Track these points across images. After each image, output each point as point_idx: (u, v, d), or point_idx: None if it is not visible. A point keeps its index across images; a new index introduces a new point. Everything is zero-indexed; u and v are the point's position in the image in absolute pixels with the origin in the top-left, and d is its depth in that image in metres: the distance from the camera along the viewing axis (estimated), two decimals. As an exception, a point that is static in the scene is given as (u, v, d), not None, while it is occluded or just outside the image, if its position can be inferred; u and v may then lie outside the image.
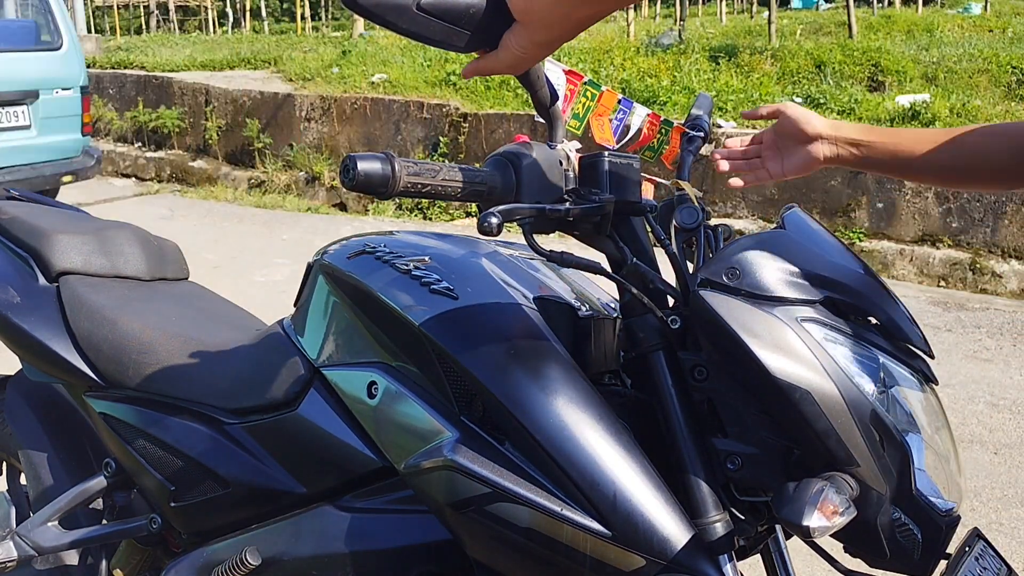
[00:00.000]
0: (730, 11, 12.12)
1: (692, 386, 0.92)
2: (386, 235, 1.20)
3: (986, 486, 2.70)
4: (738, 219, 5.76)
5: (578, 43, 7.80)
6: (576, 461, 0.89)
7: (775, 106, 1.18)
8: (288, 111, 7.50)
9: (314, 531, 1.11)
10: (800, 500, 0.78)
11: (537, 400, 0.92)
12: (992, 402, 3.32)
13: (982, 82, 6.37)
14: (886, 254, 5.23)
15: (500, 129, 6.58)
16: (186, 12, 17.58)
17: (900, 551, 0.86)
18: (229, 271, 4.95)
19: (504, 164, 0.90)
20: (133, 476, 1.37)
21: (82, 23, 11.13)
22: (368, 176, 0.80)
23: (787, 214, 0.97)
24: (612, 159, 0.94)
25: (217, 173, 7.74)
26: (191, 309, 1.52)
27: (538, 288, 1.09)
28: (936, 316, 4.39)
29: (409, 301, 1.03)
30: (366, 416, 1.06)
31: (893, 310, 0.91)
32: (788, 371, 0.84)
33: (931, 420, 0.92)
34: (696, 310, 0.89)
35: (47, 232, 1.55)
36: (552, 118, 0.96)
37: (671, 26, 10.06)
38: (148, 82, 8.52)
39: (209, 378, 1.28)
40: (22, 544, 1.43)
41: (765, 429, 0.88)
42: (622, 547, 0.88)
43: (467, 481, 0.92)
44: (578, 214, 0.90)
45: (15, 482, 1.73)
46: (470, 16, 0.78)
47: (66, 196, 6.36)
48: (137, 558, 1.45)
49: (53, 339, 1.43)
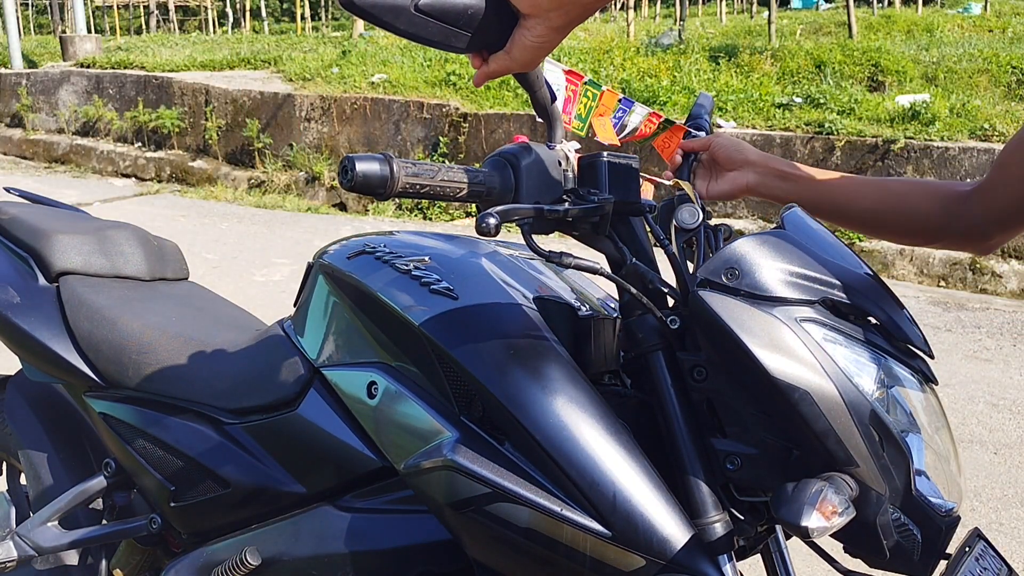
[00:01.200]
0: (730, 11, 12.12)
1: (691, 386, 0.92)
2: (386, 235, 1.20)
3: (986, 486, 2.70)
4: (738, 219, 5.76)
5: (578, 43, 7.80)
6: (576, 461, 0.89)
7: (708, 139, 1.21)
8: (288, 111, 7.50)
9: (314, 531, 1.11)
10: (799, 500, 0.78)
11: (537, 400, 0.92)
12: (992, 402, 3.32)
13: (982, 82, 6.37)
14: (886, 254, 5.23)
15: (500, 129, 6.58)
16: (186, 12, 17.58)
17: (900, 551, 0.86)
18: (229, 271, 4.95)
19: (503, 164, 0.90)
20: (133, 476, 1.37)
21: (82, 23, 11.12)
22: (366, 177, 0.80)
23: (787, 214, 0.97)
24: (611, 159, 0.94)
25: (217, 173, 7.74)
26: (191, 309, 1.52)
27: (538, 288, 1.09)
28: (936, 316, 4.39)
29: (409, 301, 1.03)
30: (366, 416, 1.06)
31: (893, 310, 0.91)
32: (787, 371, 0.83)
33: (931, 420, 0.92)
34: (695, 310, 0.89)
35: (47, 232, 1.55)
36: (551, 118, 0.96)
37: (671, 26, 10.06)
38: (148, 82, 8.52)
39: (209, 378, 1.28)
40: (22, 544, 1.44)
41: (764, 429, 0.88)
42: (622, 547, 0.88)
43: (467, 481, 0.92)
44: (577, 214, 0.90)
45: (15, 482, 1.73)
46: (468, 17, 0.78)
47: (66, 196, 6.36)
48: (137, 558, 1.45)
49: (53, 339, 1.43)
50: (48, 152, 8.92)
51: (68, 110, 8.99)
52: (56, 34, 13.61)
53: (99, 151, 8.49)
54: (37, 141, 9.04)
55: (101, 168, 8.43)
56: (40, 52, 10.97)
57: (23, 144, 9.15)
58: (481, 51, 0.81)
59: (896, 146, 5.41)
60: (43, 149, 8.97)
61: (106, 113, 8.64)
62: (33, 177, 8.08)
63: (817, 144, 5.64)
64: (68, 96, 9.11)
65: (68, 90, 9.13)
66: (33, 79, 9.42)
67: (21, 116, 9.32)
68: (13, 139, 9.25)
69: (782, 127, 5.90)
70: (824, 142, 5.62)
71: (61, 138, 8.94)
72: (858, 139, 5.56)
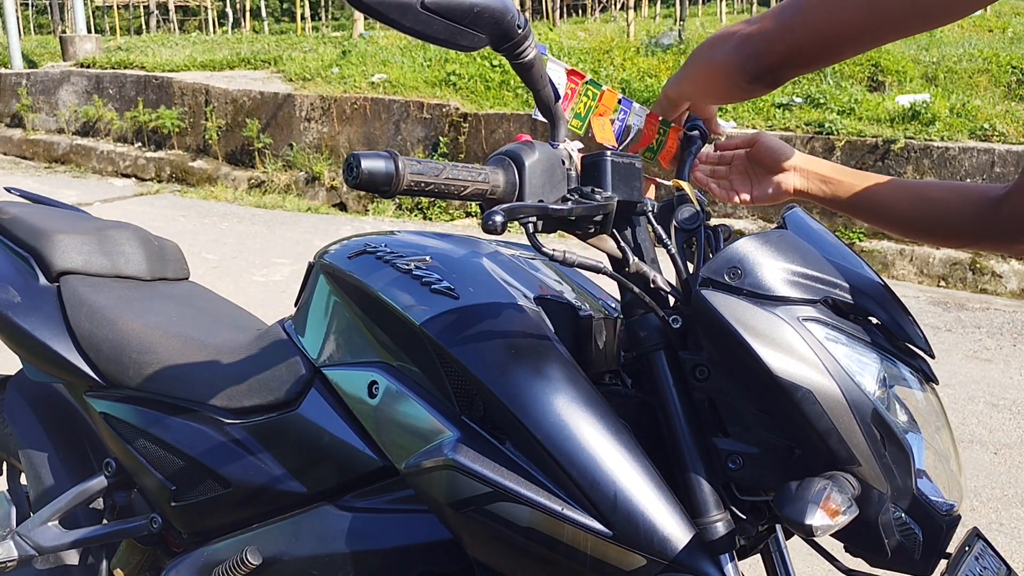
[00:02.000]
0: (730, 11, 12.12)
1: (693, 386, 0.92)
2: (387, 235, 1.20)
3: (986, 486, 2.70)
4: (738, 219, 5.76)
5: (578, 43, 7.80)
6: (577, 461, 0.89)
7: (750, 135, 1.19)
8: (288, 111, 7.50)
9: (314, 531, 1.11)
10: (803, 499, 0.78)
11: (538, 400, 0.92)
12: (992, 402, 3.32)
13: (982, 82, 6.37)
14: (886, 254, 5.23)
15: (500, 129, 6.58)
16: (186, 12, 17.58)
17: (901, 550, 0.86)
18: (229, 271, 4.95)
19: (507, 163, 0.90)
20: (133, 476, 1.37)
21: (82, 23, 11.11)
22: (372, 174, 0.80)
23: (788, 214, 0.97)
24: (614, 159, 0.94)
25: (217, 173, 7.74)
26: (191, 309, 1.52)
27: (539, 288, 1.09)
28: (936, 316, 4.39)
29: (410, 301, 1.03)
30: (367, 416, 1.06)
31: (894, 310, 0.91)
32: (790, 370, 0.84)
33: (931, 420, 0.92)
34: (697, 309, 0.89)
35: (48, 232, 1.55)
36: (554, 117, 0.96)
37: (671, 26, 10.06)
38: (148, 82, 8.52)
39: (209, 378, 1.28)
40: (22, 544, 1.44)
41: (766, 429, 0.88)
42: (623, 547, 0.88)
43: (468, 480, 0.92)
44: (580, 213, 0.90)
45: (15, 482, 1.73)
46: (475, 15, 0.78)
47: (66, 196, 6.36)
48: (137, 558, 1.45)
49: (54, 339, 1.43)
50: (48, 152, 8.92)
51: (68, 110, 8.99)
52: (56, 34, 13.61)
53: (99, 151, 8.49)
54: (37, 141, 9.04)
55: (101, 168, 8.42)
56: (40, 52, 10.97)
57: (23, 144, 9.14)
58: None
59: (896, 146, 5.42)
60: (43, 149, 8.97)
61: (106, 113, 8.64)
62: (33, 177, 8.08)
63: (817, 144, 5.64)
64: (68, 96, 9.11)
65: (68, 90, 9.13)
66: (33, 79, 9.42)
67: (21, 116, 9.32)
68: (13, 139, 9.24)
69: (782, 127, 5.90)
70: (824, 142, 5.62)
71: (61, 138, 8.94)
72: (858, 139, 5.56)
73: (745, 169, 1.19)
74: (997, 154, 5.19)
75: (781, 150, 1.15)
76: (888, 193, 1.11)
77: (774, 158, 1.15)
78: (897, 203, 1.10)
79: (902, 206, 1.10)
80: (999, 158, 5.19)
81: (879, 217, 1.12)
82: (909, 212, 1.10)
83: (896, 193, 1.11)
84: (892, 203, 1.10)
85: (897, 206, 1.10)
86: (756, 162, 1.17)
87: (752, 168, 1.18)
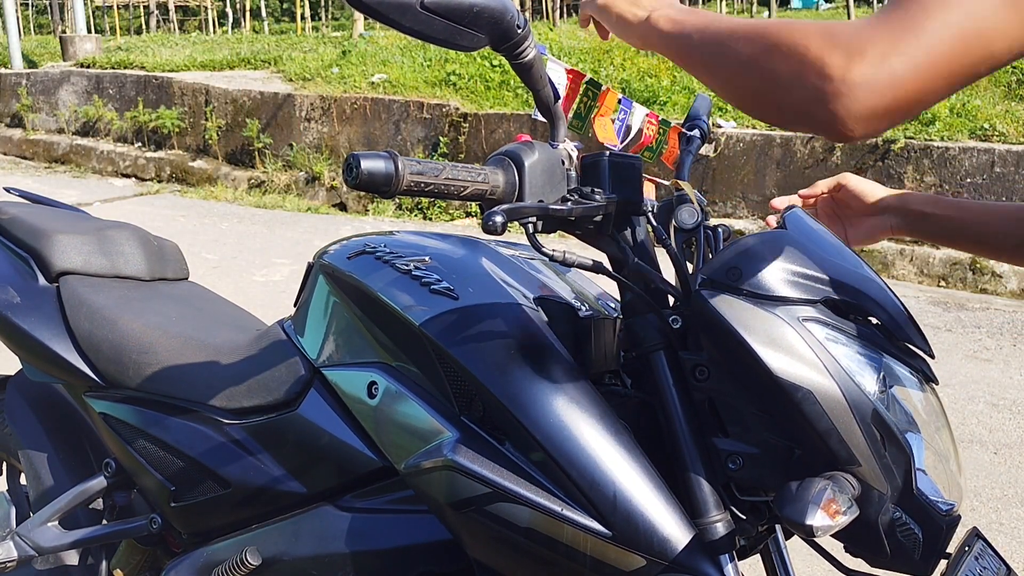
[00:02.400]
0: (730, 11, 12.12)
1: (693, 386, 0.91)
2: (386, 235, 1.20)
3: (986, 486, 2.70)
4: (738, 219, 5.76)
5: (578, 43, 7.80)
6: (576, 461, 0.89)
7: (834, 179, 1.15)
8: (288, 111, 7.51)
9: (314, 531, 1.11)
10: (803, 499, 0.78)
11: (537, 400, 0.92)
12: (992, 402, 3.32)
13: (982, 82, 6.37)
14: (886, 254, 5.23)
15: (500, 129, 6.58)
16: (186, 12, 17.58)
17: (901, 550, 0.86)
18: (229, 271, 4.95)
19: (506, 163, 0.90)
20: (133, 476, 1.37)
21: (82, 23, 11.12)
22: (371, 175, 0.80)
23: (788, 214, 0.97)
24: (614, 159, 0.94)
25: (217, 173, 7.74)
26: (191, 309, 1.52)
27: (538, 288, 1.09)
28: (936, 316, 4.39)
29: (409, 301, 1.03)
30: (366, 416, 1.06)
31: (894, 310, 0.91)
32: (790, 371, 0.84)
33: (931, 420, 0.92)
34: (698, 310, 0.89)
35: (47, 232, 1.55)
36: (554, 117, 0.96)
37: (671, 26, 10.04)
38: (148, 82, 8.52)
39: (209, 378, 1.28)
40: (22, 544, 1.43)
41: (766, 429, 0.88)
42: (622, 547, 0.88)
43: (467, 481, 0.92)
44: (580, 213, 0.90)
45: (15, 482, 1.73)
46: (474, 15, 0.78)
47: (66, 196, 6.37)
48: (137, 558, 1.45)
49: (53, 339, 1.43)
50: (48, 152, 8.92)
51: (68, 110, 8.99)
52: (56, 34, 13.61)
53: (99, 151, 8.49)
54: (37, 141, 9.04)
55: (101, 168, 8.42)
56: (40, 52, 10.97)
57: (23, 144, 9.15)
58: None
59: (896, 146, 5.42)
60: (43, 149, 8.97)
61: (106, 113, 8.64)
62: (33, 177, 8.08)
63: (817, 144, 5.64)
64: (68, 96, 9.11)
65: (68, 90, 9.13)
66: (33, 79, 9.42)
67: (21, 116, 9.32)
68: (13, 139, 9.25)
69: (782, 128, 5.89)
70: (824, 142, 5.62)
71: (61, 138, 8.94)
72: (858, 139, 5.55)
73: (833, 212, 1.15)
74: (997, 154, 5.19)
75: (869, 191, 1.11)
76: (996, 223, 1.05)
77: (862, 200, 1.12)
78: (999, 230, 1.04)
79: (1005, 230, 1.04)
80: (999, 158, 5.19)
81: (988, 247, 1.07)
82: (1015, 238, 1.03)
83: (995, 221, 1.05)
84: (995, 233, 1.05)
85: (999, 232, 1.04)
86: (843, 205, 1.14)
87: (841, 211, 1.14)
